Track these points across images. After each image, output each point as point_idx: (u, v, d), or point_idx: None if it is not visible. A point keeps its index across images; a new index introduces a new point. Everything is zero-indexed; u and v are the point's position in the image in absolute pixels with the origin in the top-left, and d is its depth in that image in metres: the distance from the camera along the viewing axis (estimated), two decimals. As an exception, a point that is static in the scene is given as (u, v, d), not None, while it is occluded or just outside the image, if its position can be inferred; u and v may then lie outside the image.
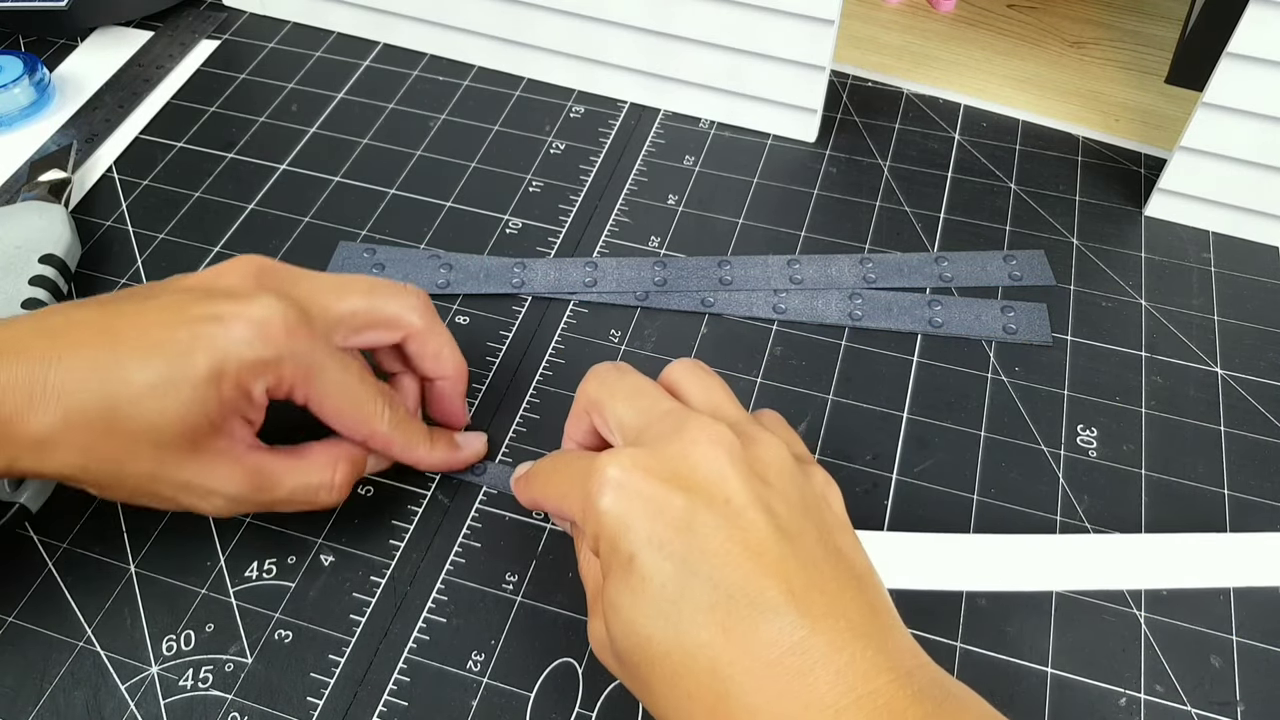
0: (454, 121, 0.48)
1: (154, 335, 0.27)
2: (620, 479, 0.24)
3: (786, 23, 0.42)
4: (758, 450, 0.26)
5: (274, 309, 0.28)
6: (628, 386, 0.28)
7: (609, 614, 0.24)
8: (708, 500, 0.24)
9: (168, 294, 0.29)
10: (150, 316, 0.28)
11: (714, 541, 0.23)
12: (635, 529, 0.24)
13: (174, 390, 0.27)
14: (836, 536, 0.25)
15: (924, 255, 0.42)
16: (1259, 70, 0.38)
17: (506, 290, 0.41)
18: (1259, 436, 0.36)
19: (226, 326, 0.28)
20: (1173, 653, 0.31)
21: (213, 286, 0.29)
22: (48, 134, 0.47)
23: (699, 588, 0.23)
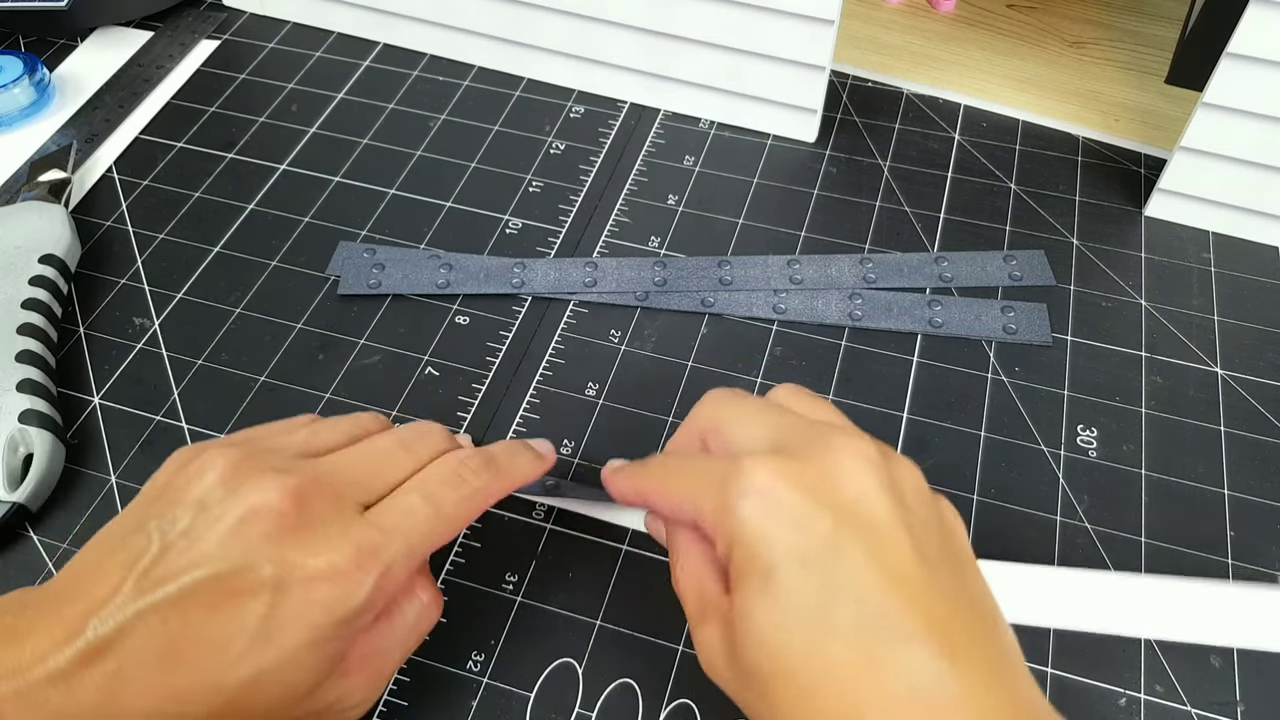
0: (454, 121, 0.48)
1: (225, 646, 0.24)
2: (765, 486, 0.23)
3: (786, 23, 0.42)
4: (899, 471, 0.25)
5: (336, 549, 0.25)
6: (751, 406, 0.27)
7: (739, 623, 0.23)
8: (854, 518, 0.23)
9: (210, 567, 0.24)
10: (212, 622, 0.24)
11: (859, 562, 0.23)
12: (779, 540, 0.23)
13: (274, 681, 0.24)
14: (966, 573, 0.24)
15: (924, 255, 0.42)
16: (1259, 70, 0.38)
17: (506, 290, 0.41)
18: (1259, 436, 0.36)
19: (297, 598, 0.24)
20: (1173, 653, 0.31)
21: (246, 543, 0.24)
22: (48, 134, 0.47)
23: (841, 607, 0.22)
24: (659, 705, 0.30)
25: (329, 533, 0.25)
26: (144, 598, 0.23)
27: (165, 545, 0.24)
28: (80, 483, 0.35)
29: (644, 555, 0.33)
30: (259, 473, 0.25)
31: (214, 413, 0.37)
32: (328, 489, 0.26)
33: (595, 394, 0.38)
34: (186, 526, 0.25)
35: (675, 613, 0.32)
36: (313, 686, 0.25)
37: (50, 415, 0.35)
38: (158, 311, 0.40)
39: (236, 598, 0.24)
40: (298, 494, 0.25)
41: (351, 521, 0.26)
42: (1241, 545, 0.34)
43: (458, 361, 0.38)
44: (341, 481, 0.26)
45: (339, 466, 0.27)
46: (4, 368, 0.36)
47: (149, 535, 0.25)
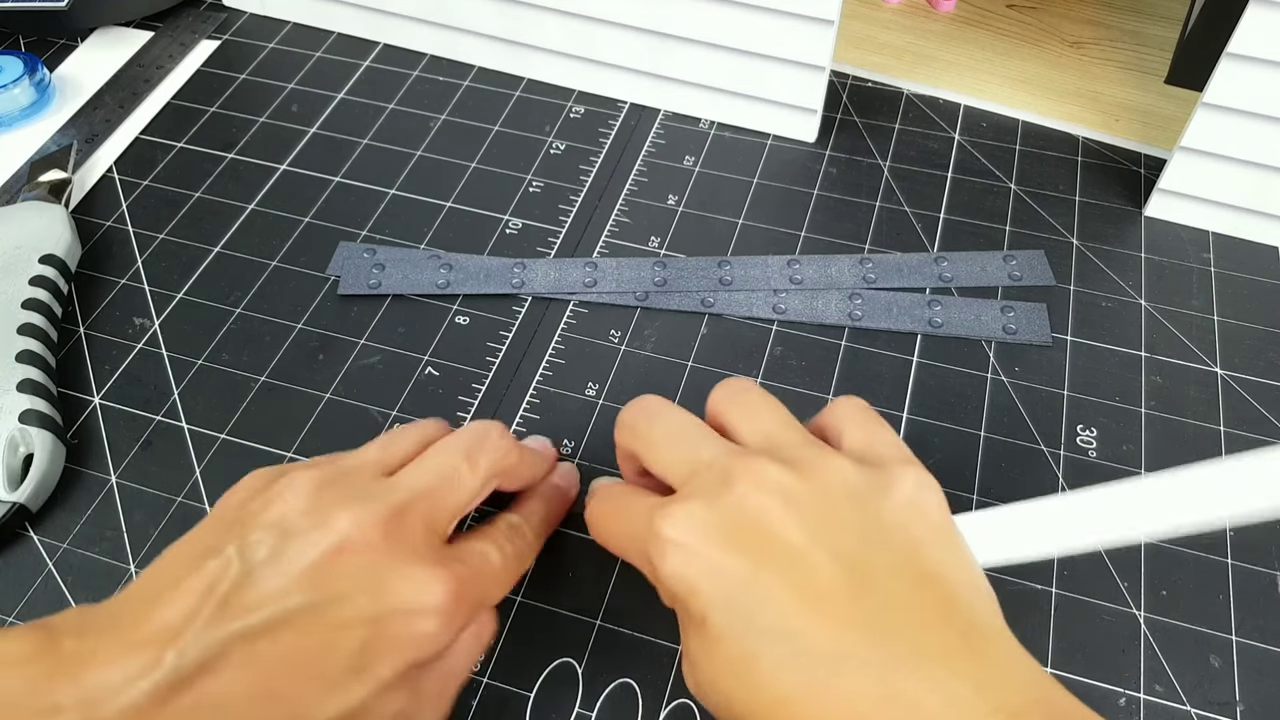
0: (454, 121, 0.48)
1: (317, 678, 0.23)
2: (678, 539, 0.23)
3: (786, 23, 0.42)
4: (817, 481, 0.24)
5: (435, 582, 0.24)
6: (663, 431, 0.27)
7: (691, 671, 0.24)
8: (767, 552, 0.23)
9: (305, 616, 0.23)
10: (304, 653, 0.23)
11: (780, 594, 0.22)
12: (700, 591, 0.23)
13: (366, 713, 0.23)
14: (922, 553, 0.23)
15: (924, 255, 0.42)
16: (1259, 70, 0.38)
17: (506, 290, 0.41)
18: (1259, 436, 0.36)
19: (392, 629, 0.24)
20: (1173, 653, 0.31)
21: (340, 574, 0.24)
22: (48, 134, 0.47)
23: (773, 645, 0.22)
24: (659, 705, 0.30)
25: (425, 563, 0.25)
26: (228, 625, 0.22)
27: (248, 570, 0.23)
28: (80, 483, 0.35)
29: (644, 555, 0.33)
30: (345, 500, 0.25)
31: (214, 413, 0.37)
32: (413, 516, 0.26)
33: (595, 394, 0.38)
34: (271, 552, 0.24)
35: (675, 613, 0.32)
36: (393, 716, 0.24)
37: (50, 415, 0.35)
38: (158, 311, 0.40)
39: (330, 629, 0.23)
40: (385, 522, 0.25)
41: (442, 553, 0.26)
42: (1241, 545, 0.34)
43: (458, 361, 0.38)
44: (422, 506, 0.26)
45: (414, 485, 0.26)
46: (4, 368, 0.36)
47: (228, 559, 0.23)
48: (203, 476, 0.35)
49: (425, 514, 0.26)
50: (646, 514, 0.25)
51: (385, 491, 0.26)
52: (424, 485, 0.26)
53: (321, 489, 0.25)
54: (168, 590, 0.23)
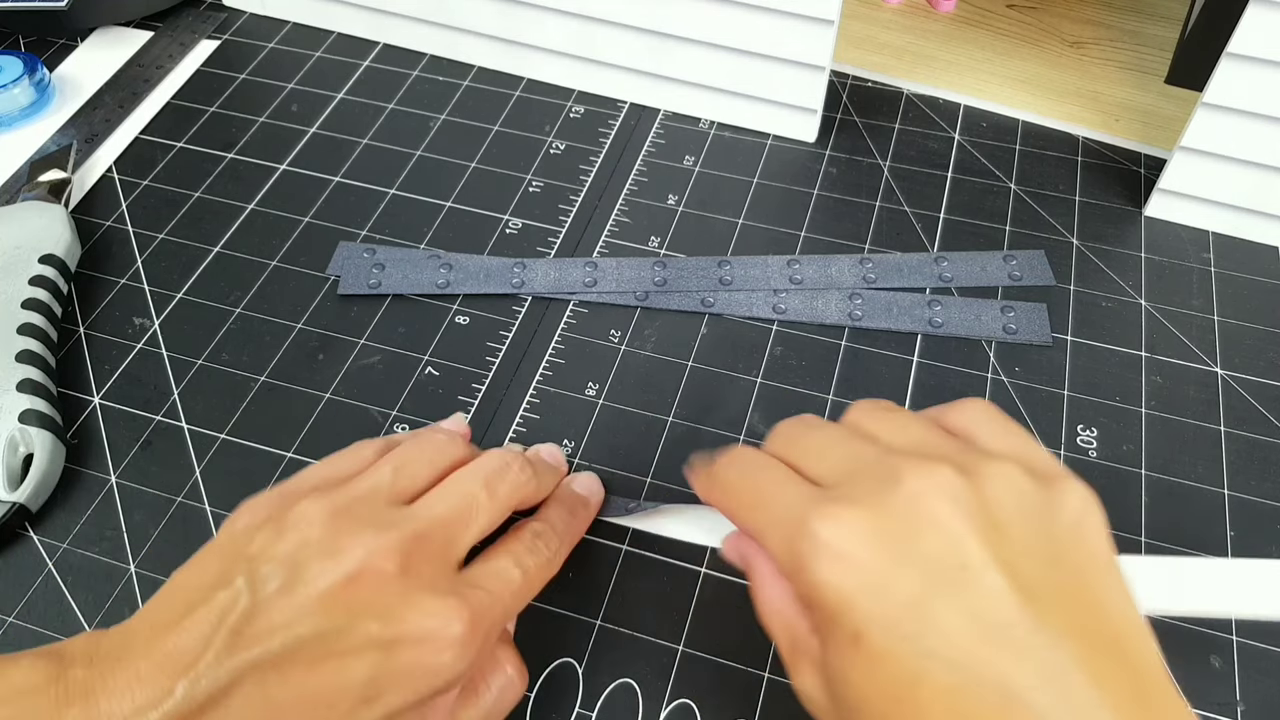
0: (454, 121, 0.48)
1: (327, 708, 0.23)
2: (838, 547, 0.22)
3: (786, 23, 0.42)
4: (989, 489, 0.22)
5: (449, 612, 0.24)
6: (820, 438, 0.25)
7: (836, 685, 0.22)
8: (939, 570, 0.21)
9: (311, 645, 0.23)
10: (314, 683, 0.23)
11: (949, 618, 0.21)
12: (860, 607, 0.21)
13: None
14: (1094, 584, 0.22)
15: (924, 255, 0.42)
16: (1259, 70, 0.38)
17: (506, 290, 0.41)
18: (1259, 436, 0.36)
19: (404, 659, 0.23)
20: (1173, 653, 0.31)
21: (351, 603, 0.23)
22: (48, 134, 0.47)
23: (938, 670, 0.20)
24: (659, 705, 0.30)
25: (439, 592, 0.24)
26: (239, 655, 0.22)
27: (258, 601, 0.23)
28: (80, 483, 0.35)
29: (645, 556, 0.33)
30: (358, 529, 0.25)
31: (214, 413, 0.37)
32: (429, 546, 0.25)
33: (595, 394, 0.38)
34: (283, 584, 0.23)
35: (675, 613, 0.32)
36: None
37: (50, 415, 0.35)
38: (158, 311, 0.40)
39: (342, 657, 0.23)
40: (401, 553, 0.24)
41: (457, 582, 0.25)
42: (1241, 545, 0.34)
43: (458, 361, 0.38)
44: (438, 537, 0.26)
45: (434, 517, 0.26)
46: (4, 367, 0.36)
47: (238, 590, 0.23)
48: (203, 476, 0.35)
49: (441, 544, 0.25)
50: (801, 507, 0.23)
51: (401, 521, 0.25)
52: (442, 516, 0.26)
53: (334, 518, 0.25)
54: (178, 620, 0.23)
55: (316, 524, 0.25)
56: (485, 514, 0.27)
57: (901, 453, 0.23)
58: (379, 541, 0.24)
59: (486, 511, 0.27)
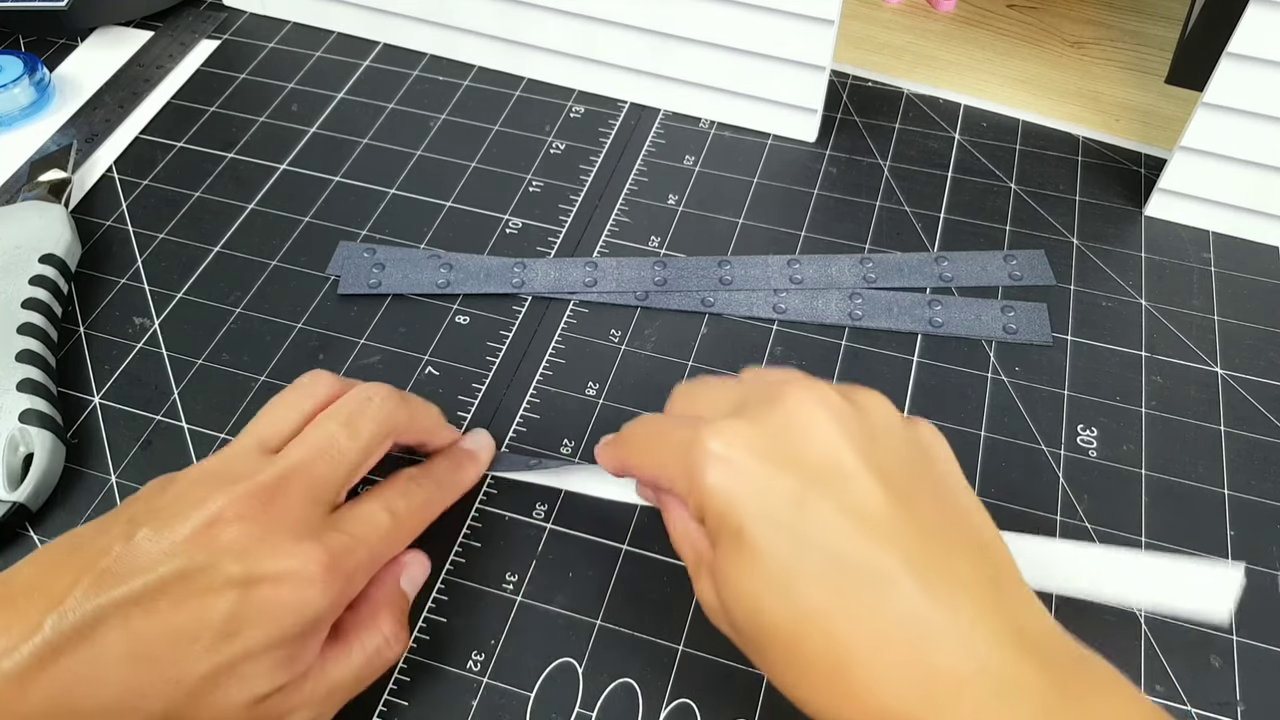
0: (454, 121, 0.48)
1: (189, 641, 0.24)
2: (724, 454, 0.24)
3: (786, 23, 0.42)
4: (862, 406, 0.25)
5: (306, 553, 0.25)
6: (713, 381, 0.28)
7: (720, 585, 0.24)
8: (816, 468, 0.23)
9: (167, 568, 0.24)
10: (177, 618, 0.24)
11: (825, 511, 0.23)
12: (743, 503, 0.23)
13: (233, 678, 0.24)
14: (952, 495, 0.24)
15: (924, 255, 0.42)
16: (1259, 70, 0.38)
17: (506, 290, 0.41)
18: (1259, 436, 0.36)
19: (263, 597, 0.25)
20: (1173, 653, 0.31)
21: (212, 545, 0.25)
22: (48, 134, 0.47)
23: (812, 558, 0.22)
24: (659, 705, 0.30)
25: (298, 535, 0.26)
26: (105, 593, 0.24)
27: (128, 546, 0.25)
28: (80, 483, 0.35)
29: (644, 555, 0.33)
30: (222, 481, 0.26)
31: (214, 413, 0.37)
32: (290, 489, 0.26)
33: (595, 394, 0.38)
34: (150, 531, 0.25)
35: (675, 612, 0.32)
36: (268, 691, 0.25)
37: (50, 415, 0.35)
38: (158, 311, 0.40)
39: (203, 595, 0.24)
40: (263, 496, 0.26)
41: (321, 525, 0.26)
42: (1241, 545, 0.34)
43: (458, 361, 0.38)
44: (301, 481, 0.27)
45: (294, 462, 0.27)
46: (4, 367, 0.36)
47: (110, 537, 0.25)
48: (203, 476, 0.35)
49: (304, 488, 0.27)
50: (692, 431, 0.25)
51: (262, 468, 0.27)
52: (301, 459, 0.27)
53: (201, 477, 0.27)
54: (53, 566, 0.25)
55: (184, 484, 0.26)
56: (349, 453, 0.28)
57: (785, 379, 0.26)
58: (239, 488, 0.26)
59: (349, 450, 0.28)
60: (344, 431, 0.28)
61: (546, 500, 0.34)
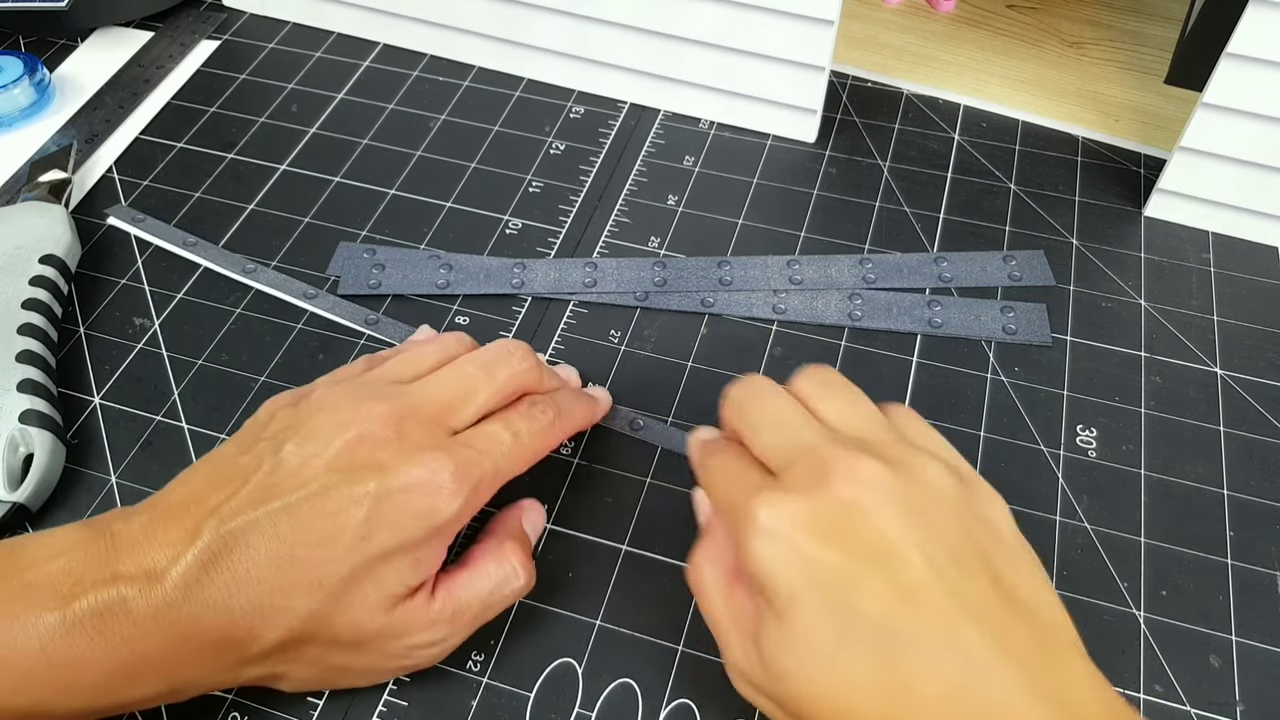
0: (454, 121, 0.48)
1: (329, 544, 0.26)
2: (772, 528, 0.24)
3: (786, 23, 0.42)
4: (914, 479, 0.25)
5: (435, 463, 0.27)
6: (768, 415, 0.28)
7: (766, 655, 0.24)
8: (866, 547, 0.24)
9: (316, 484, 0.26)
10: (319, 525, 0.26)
11: (872, 586, 0.23)
12: (790, 578, 0.24)
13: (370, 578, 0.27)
14: (1003, 564, 0.24)
15: (924, 255, 0.42)
16: (1259, 70, 0.38)
17: (506, 290, 0.41)
18: (1259, 436, 0.36)
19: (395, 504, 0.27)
20: (1173, 653, 0.31)
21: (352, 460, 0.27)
22: (48, 134, 0.47)
23: (859, 633, 0.23)
24: (659, 705, 0.30)
25: (424, 450, 0.27)
26: (262, 507, 0.26)
27: (275, 464, 0.27)
28: (80, 483, 0.35)
29: (644, 555, 0.33)
30: (359, 401, 0.28)
31: (214, 413, 0.37)
32: (422, 414, 0.28)
33: (595, 394, 0.38)
34: (294, 447, 0.27)
35: (675, 612, 0.32)
36: (400, 592, 0.27)
37: (50, 415, 0.35)
38: (158, 311, 0.40)
39: (343, 504, 0.26)
40: (396, 419, 0.28)
41: (445, 442, 0.28)
42: (1241, 545, 0.34)
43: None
44: (433, 407, 0.29)
45: (430, 392, 0.29)
46: (4, 368, 0.36)
47: (258, 456, 0.27)
48: (203, 476, 0.35)
49: (435, 413, 0.29)
50: (750, 492, 0.25)
51: (400, 394, 0.29)
52: (437, 391, 0.29)
53: (342, 398, 0.28)
54: (204, 483, 0.27)
55: (328, 403, 0.28)
56: (483, 392, 0.30)
57: (839, 442, 0.26)
58: (377, 409, 0.28)
59: (484, 390, 0.30)
60: (481, 373, 0.30)
61: (546, 500, 0.34)
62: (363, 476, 0.27)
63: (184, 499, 0.27)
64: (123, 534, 0.26)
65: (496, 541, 0.30)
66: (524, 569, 0.30)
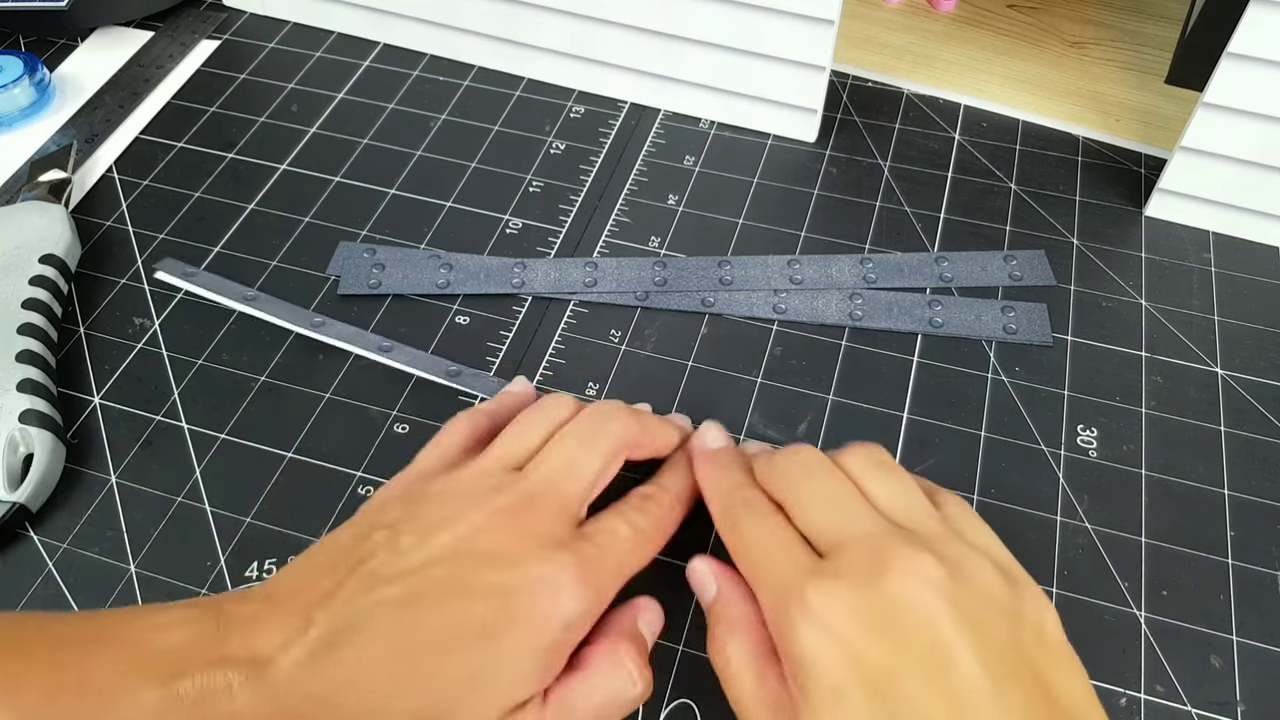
0: (454, 121, 0.48)
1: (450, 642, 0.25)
2: (823, 616, 0.24)
3: (786, 23, 0.42)
4: (968, 580, 0.25)
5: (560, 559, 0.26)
6: (819, 492, 0.28)
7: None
8: (914, 647, 0.24)
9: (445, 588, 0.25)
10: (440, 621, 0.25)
11: (919, 687, 0.23)
12: (837, 671, 0.24)
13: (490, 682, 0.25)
14: (1050, 672, 0.24)
15: (924, 255, 0.42)
16: (1259, 70, 0.38)
17: (506, 290, 0.41)
18: (1259, 436, 0.36)
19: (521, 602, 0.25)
20: (1173, 653, 0.31)
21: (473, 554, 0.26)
22: (48, 134, 0.47)
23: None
24: (659, 705, 0.30)
25: (550, 545, 0.27)
26: (375, 593, 0.25)
27: (394, 552, 0.26)
28: (80, 483, 0.35)
29: (644, 555, 0.33)
30: (475, 494, 0.28)
31: (214, 413, 0.37)
32: (541, 504, 0.28)
33: (595, 394, 0.38)
34: (413, 539, 0.26)
35: (675, 613, 0.32)
36: (519, 699, 0.25)
37: (50, 415, 0.35)
38: (158, 311, 0.40)
39: (464, 599, 0.25)
40: (515, 510, 0.27)
41: (569, 536, 0.27)
42: (1241, 545, 0.34)
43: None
44: (551, 495, 0.28)
45: (544, 478, 0.28)
46: (4, 368, 0.36)
47: (375, 544, 0.26)
48: (203, 476, 0.35)
49: (551, 501, 0.28)
50: (797, 576, 0.25)
51: (514, 484, 0.28)
52: (547, 475, 0.29)
53: (454, 490, 0.28)
54: (321, 568, 0.26)
55: (446, 496, 0.28)
56: (588, 467, 0.29)
57: (895, 533, 0.26)
58: (494, 502, 0.27)
59: (589, 464, 0.29)
60: (583, 448, 0.29)
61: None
62: (484, 570, 0.26)
63: (295, 585, 0.26)
64: (235, 615, 0.25)
65: (611, 643, 0.27)
66: (640, 674, 0.27)
